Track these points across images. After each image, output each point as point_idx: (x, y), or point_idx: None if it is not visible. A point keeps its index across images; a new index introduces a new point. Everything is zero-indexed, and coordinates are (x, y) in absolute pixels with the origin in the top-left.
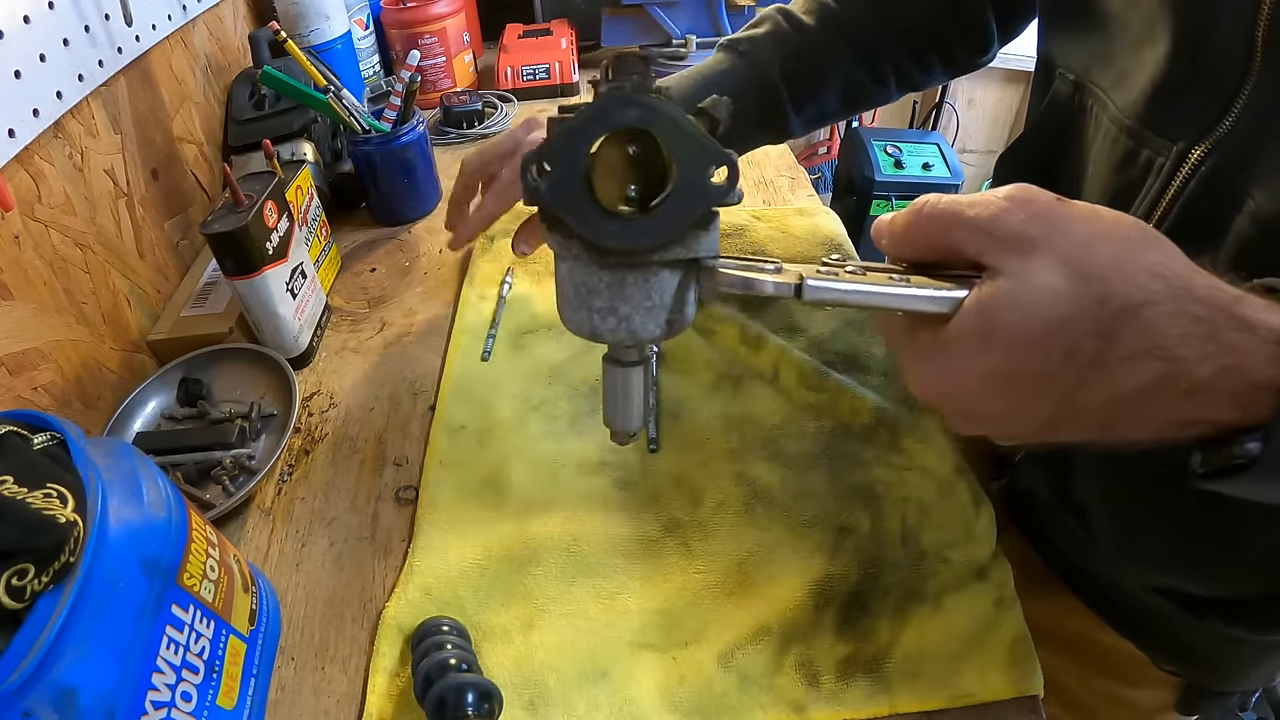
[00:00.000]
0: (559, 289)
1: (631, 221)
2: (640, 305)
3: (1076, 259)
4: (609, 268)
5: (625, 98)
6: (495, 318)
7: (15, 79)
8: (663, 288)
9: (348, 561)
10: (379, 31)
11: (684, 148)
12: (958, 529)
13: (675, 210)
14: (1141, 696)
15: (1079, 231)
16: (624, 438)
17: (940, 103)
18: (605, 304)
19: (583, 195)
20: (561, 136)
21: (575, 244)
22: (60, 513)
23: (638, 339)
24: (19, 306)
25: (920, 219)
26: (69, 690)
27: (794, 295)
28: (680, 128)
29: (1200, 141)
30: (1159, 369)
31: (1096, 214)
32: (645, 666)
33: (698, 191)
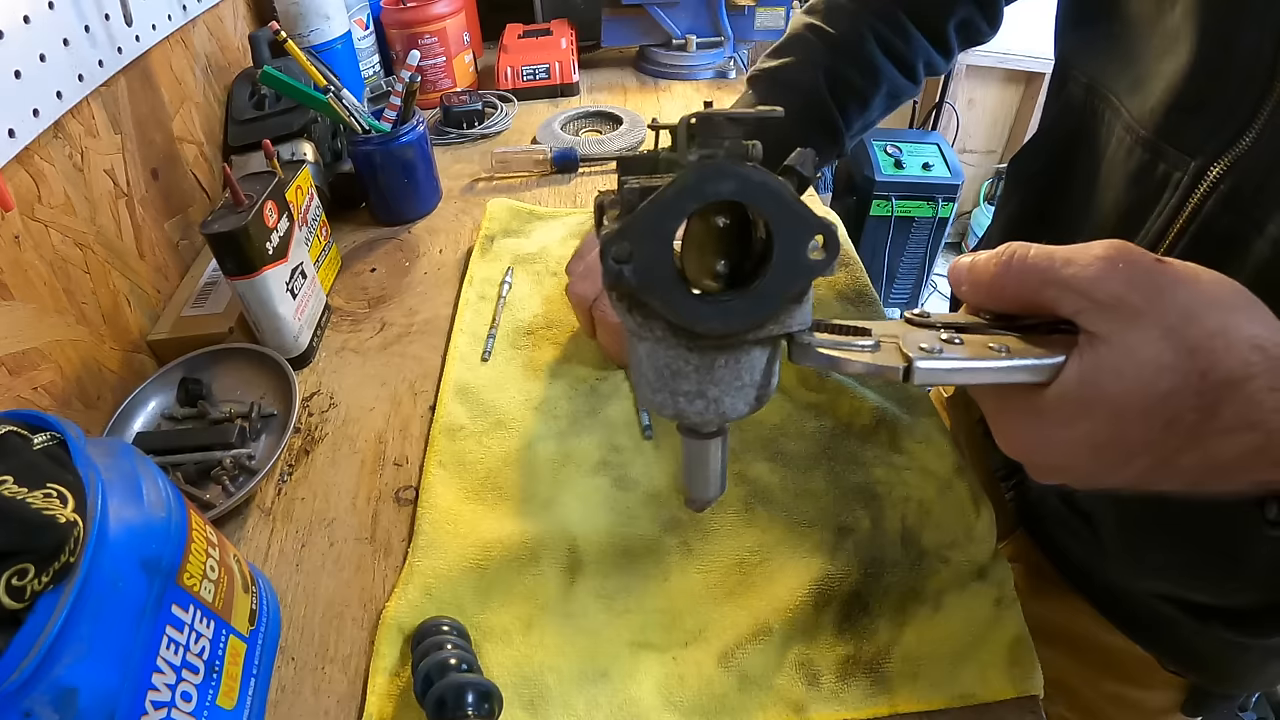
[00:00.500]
0: (635, 368)
1: (725, 303)
2: (730, 386)
3: (1180, 330)
4: (697, 350)
5: (720, 169)
6: (495, 318)
7: (15, 79)
8: (753, 366)
9: (348, 561)
10: (379, 31)
11: (783, 220)
12: (958, 529)
13: (773, 287)
14: (1148, 698)
15: (1182, 298)
16: (702, 505)
17: (940, 103)
18: (693, 388)
19: (672, 277)
20: (648, 214)
21: (659, 325)
22: (60, 513)
23: (726, 419)
24: (19, 306)
25: (1010, 273)
26: (69, 690)
27: (902, 380)
28: (780, 199)
29: (1219, 159)
30: (1256, 440)
31: (1197, 277)
32: (645, 666)
33: (796, 265)
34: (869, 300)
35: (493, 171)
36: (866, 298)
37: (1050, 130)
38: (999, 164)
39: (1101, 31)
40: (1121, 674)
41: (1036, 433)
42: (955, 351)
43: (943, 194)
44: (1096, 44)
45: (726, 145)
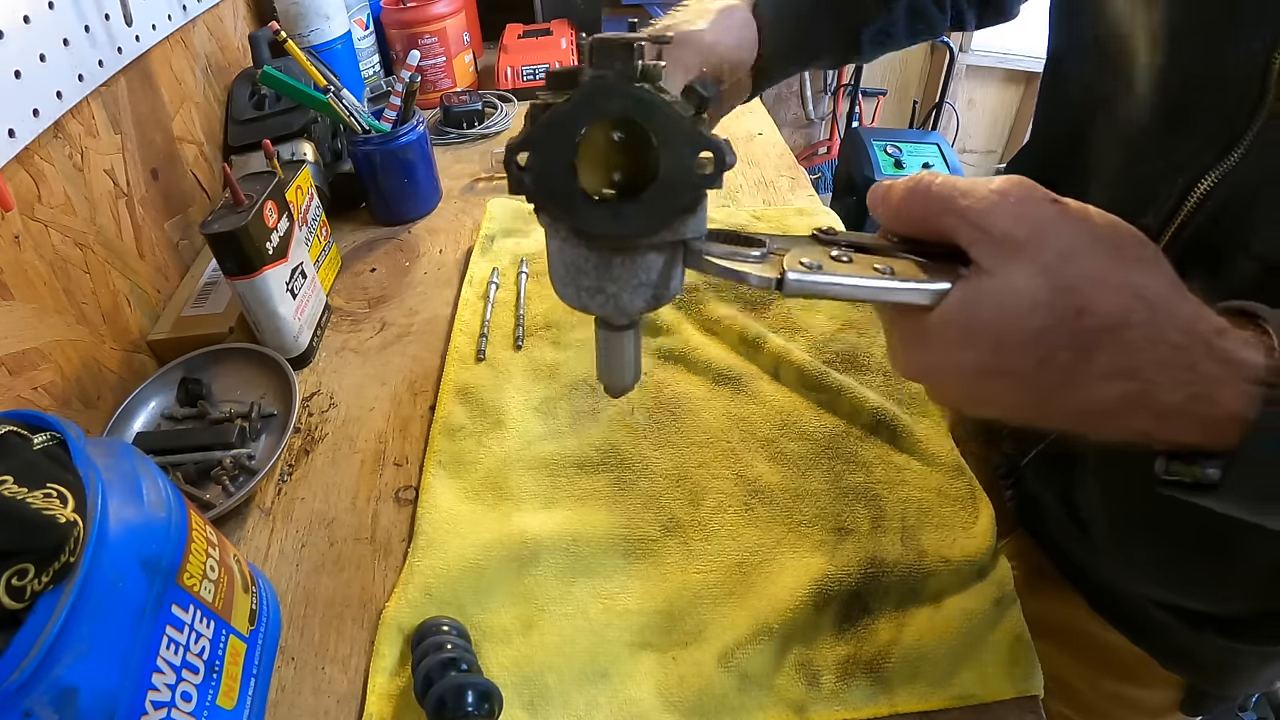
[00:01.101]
0: (550, 263)
1: (618, 209)
2: (627, 284)
3: (1058, 268)
4: (596, 249)
5: (609, 88)
6: (485, 318)
7: (15, 79)
8: (649, 267)
9: (348, 561)
10: (379, 31)
11: (671, 136)
12: (958, 529)
13: (662, 198)
14: (1148, 697)
15: (1065, 238)
16: (618, 392)
17: (940, 103)
18: (593, 283)
19: (568, 184)
20: (545, 127)
21: (563, 226)
22: (60, 513)
23: (625, 314)
24: (19, 306)
25: (915, 197)
26: (69, 690)
27: (775, 289)
28: (667, 117)
29: (1207, 174)
30: (1130, 388)
31: (1087, 217)
32: (645, 666)
33: (685, 179)
34: None
35: (493, 171)
36: None
37: (1046, 129)
38: (999, 164)
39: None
40: (1121, 672)
41: (923, 355)
42: (839, 269)
43: None
44: (1085, 44)
45: (618, 67)
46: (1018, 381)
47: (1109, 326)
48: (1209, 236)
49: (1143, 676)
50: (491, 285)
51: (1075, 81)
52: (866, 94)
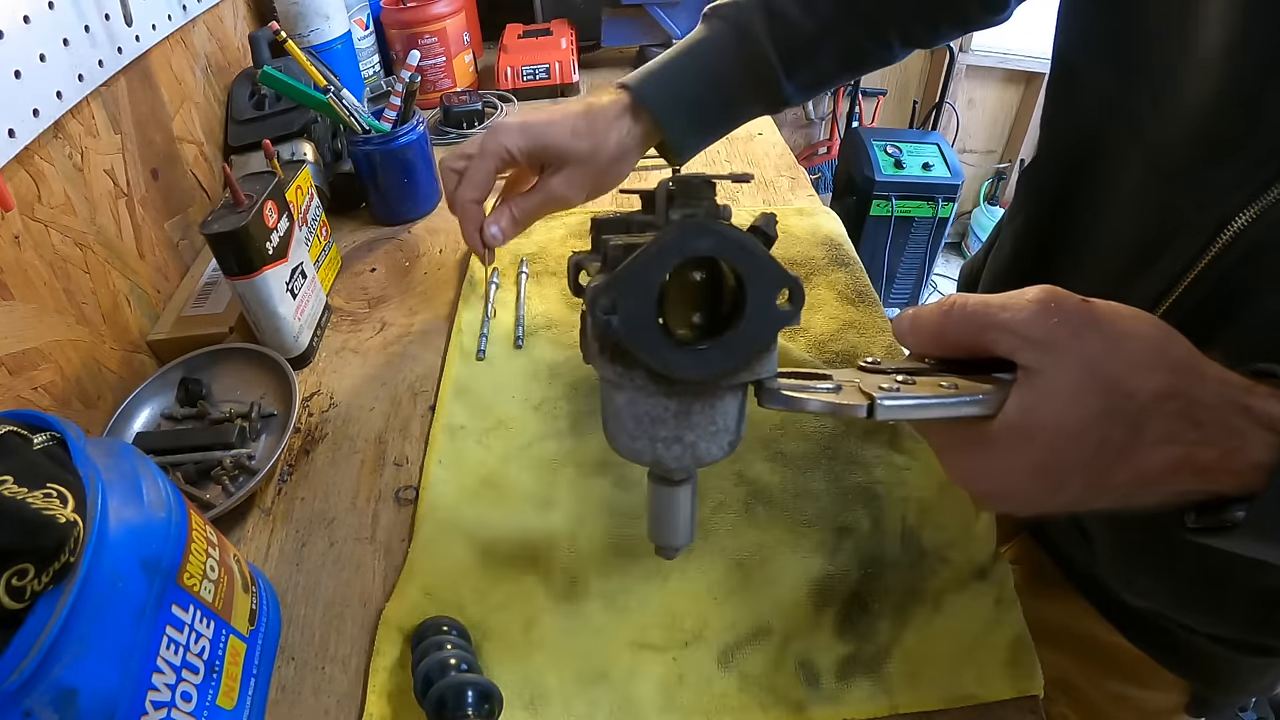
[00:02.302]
0: (614, 418)
1: (703, 352)
2: (706, 431)
3: (1103, 359)
4: (675, 396)
5: (701, 227)
6: (485, 318)
7: (15, 79)
8: (727, 412)
9: (348, 561)
10: (379, 31)
11: (756, 274)
12: (958, 529)
13: (746, 335)
14: (1151, 698)
15: (1103, 332)
16: (672, 553)
17: (940, 103)
18: (671, 433)
19: (655, 328)
20: (634, 269)
21: (639, 374)
22: (60, 513)
23: (701, 464)
24: (19, 306)
25: (951, 321)
26: (69, 690)
27: (866, 416)
28: (752, 254)
29: (1245, 208)
30: (1177, 453)
31: (1117, 313)
32: (645, 667)
33: (767, 316)
34: (869, 300)
35: None
36: (867, 298)
37: (1060, 141)
38: (999, 164)
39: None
40: (1124, 674)
41: (982, 462)
42: (911, 391)
43: (943, 194)
44: (1110, 51)
45: (704, 205)
46: (1078, 469)
47: (1153, 400)
48: (1240, 275)
49: (1147, 679)
50: (491, 285)
51: (1091, 89)
52: (866, 94)
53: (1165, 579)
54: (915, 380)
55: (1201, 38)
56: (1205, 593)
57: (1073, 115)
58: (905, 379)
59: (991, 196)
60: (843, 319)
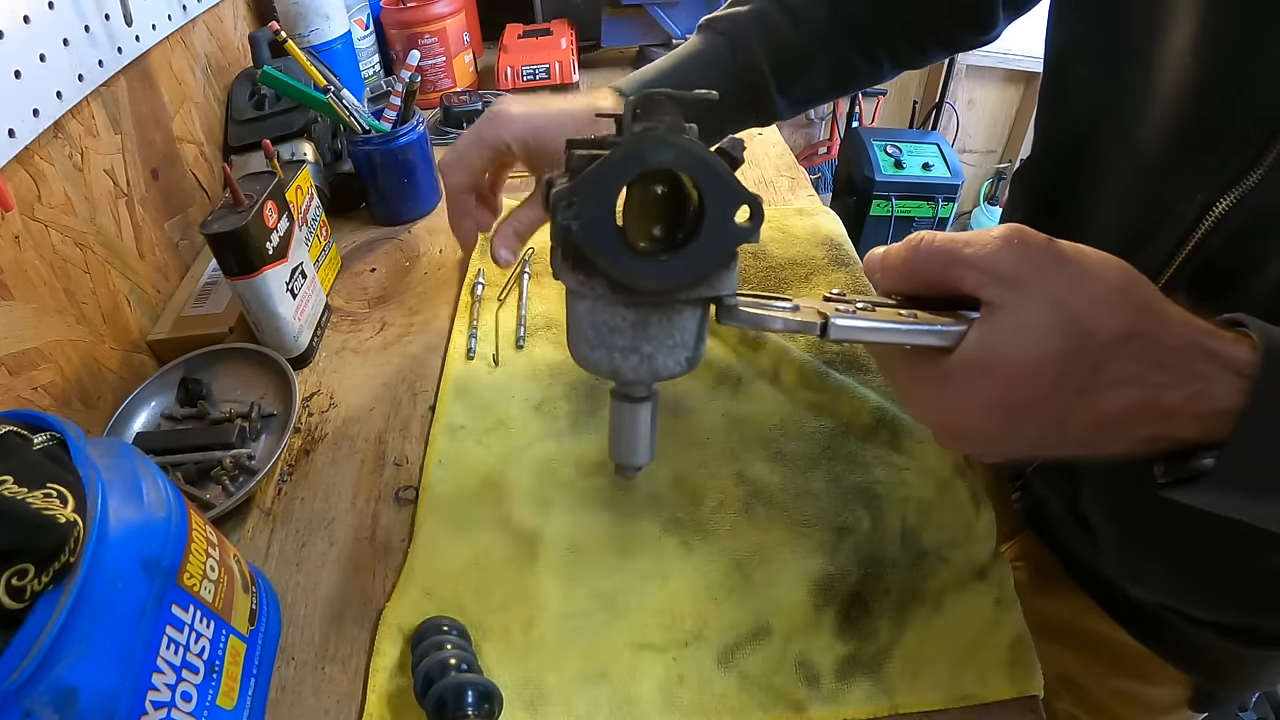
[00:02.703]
0: (575, 327)
1: (662, 263)
2: (663, 344)
3: (1066, 297)
4: (633, 306)
5: (660, 140)
6: (472, 319)
7: (15, 79)
8: (684, 326)
9: (348, 561)
10: (379, 31)
11: (715, 189)
12: (958, 529)
13: (705, 250)
14: (1156, 694)
15: (1071, 270)
16: (631, 472)
17: (940, 103)
18: (628, 343)
19: (613, 235)
20: (594, 176)
21: (599, 283)
22: (60, 513)
23: (659, 377)
24: (19, 306)
25: (918, 256)
26: (69, 690)
27: (819, 334)
28: (712, 170)
29: (1225, 194)
30: (1138, 395)
31: (1082, 254)
32: (645, 666)
33: (726, 232)
34: None
35: None
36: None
37: (1052, 142)
38: (999, 164)
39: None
40: (1128, 670)
41: (939, 396)
42: (870, 316)
43: (943, 194)
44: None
45: (666, 120)
46: (1035, 407)
47: (1114, 340)
48: (1224, 259)
49: (1151, 674)
50: (478, 286)
51: (1080, 90)
52: (866, 94)
53: (1166, 565)
54: (876, 310)
55: (1173, 33)
56: (1207, 579)
57: (1064, 116)
58: (866, 307)
59: (991, 196)
60: None
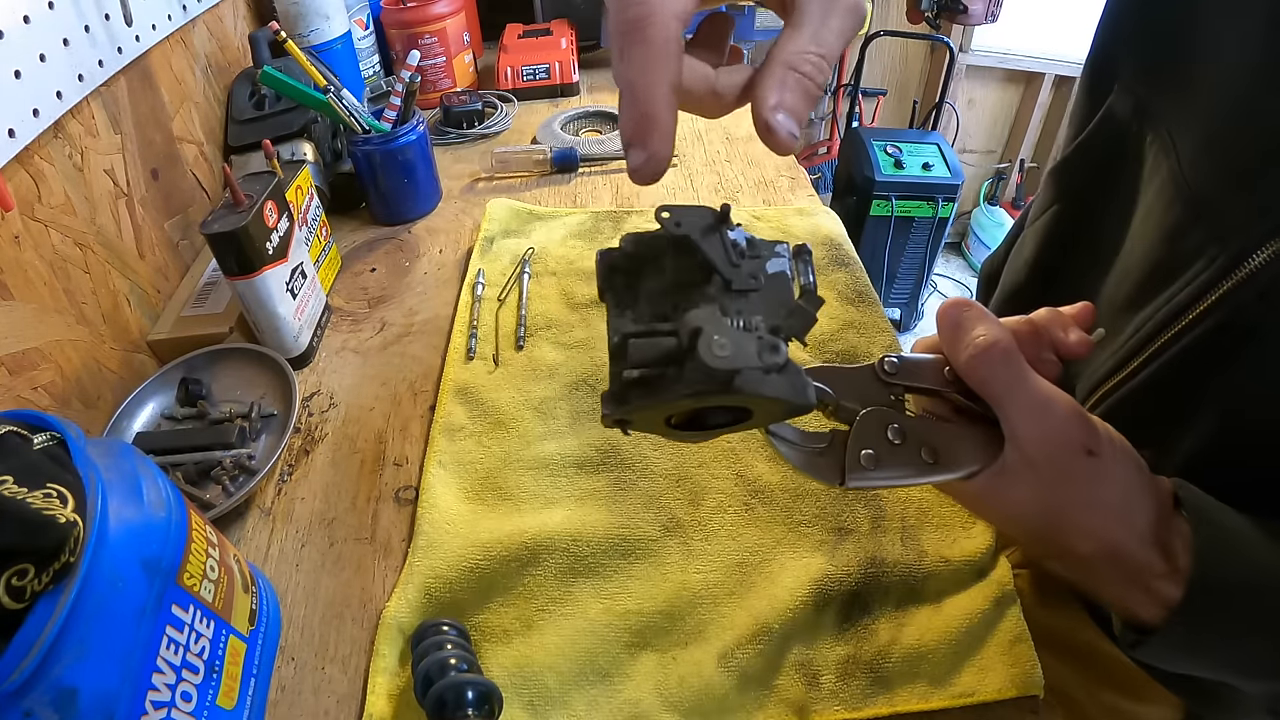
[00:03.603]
0: None
1: (709, 431)
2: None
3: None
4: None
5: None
6: (472, 319)
7: (15, 79)
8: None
9: (348, 561)
10: (379, 31)
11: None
12: (958, 529)
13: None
14: (1147, 713)
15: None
16: None
17: (940, 103)
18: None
19: (664, 430)
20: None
21: None
22: (60, 513)
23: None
24: (19, 306)
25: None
26: (69, 690)
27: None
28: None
29: (1267, 243)
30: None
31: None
32: (645, 667)
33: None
34: (869, 300)
35: (493, 171)
36: (867, 298)
37: (1091, 144)
38: (999, 164)
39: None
40: (1119, 686)
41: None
42: (890, 459)
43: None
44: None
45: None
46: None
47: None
48: (1252, 314)
49: (1143, 693)
50: (478, 286)
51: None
52: (866, 94)
53: None
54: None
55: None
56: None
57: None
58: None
59: (991, 196)
60: (843, 319)
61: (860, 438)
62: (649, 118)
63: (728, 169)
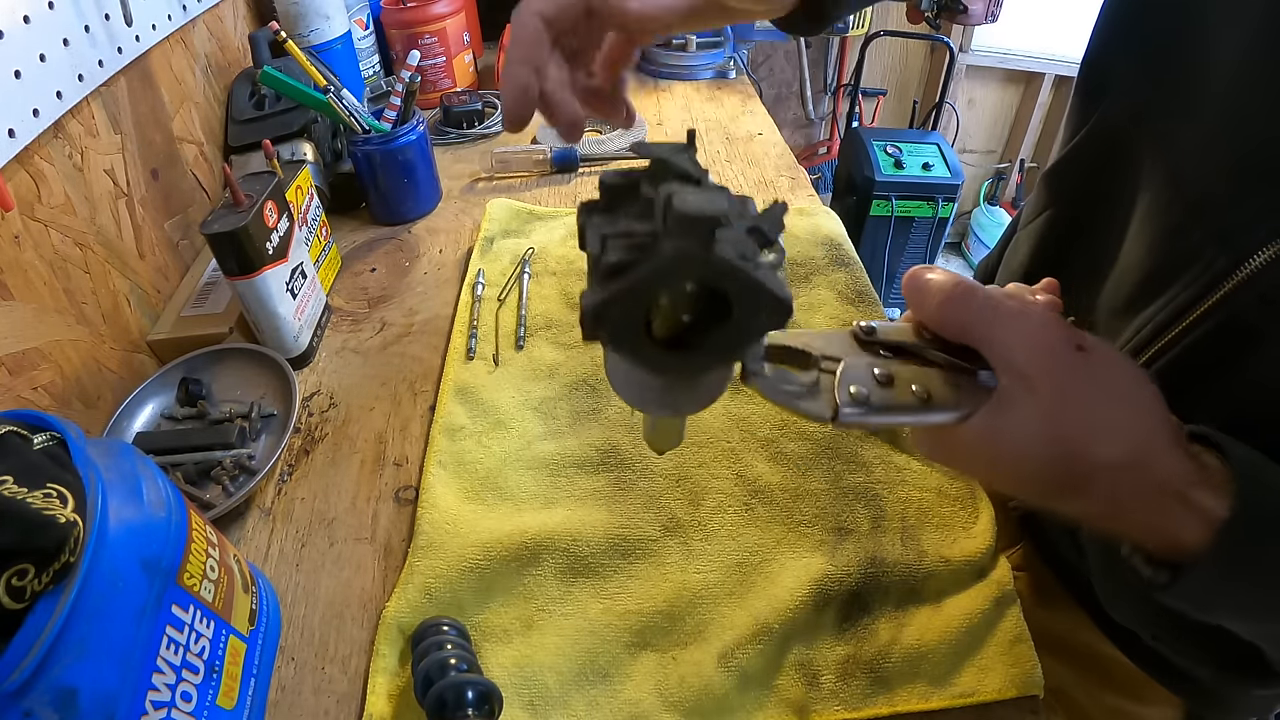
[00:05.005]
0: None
1: (686, 355)
2: (689, 396)
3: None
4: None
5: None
6: (472, 319)
7: (15, 79)
8: (709, 384)
9: (348, 561)
10: (379, 31)
11: (746, 295)
12: (958, 529)
13: (729, 341)
14: (1148, 714)
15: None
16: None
17: (940, 103)
18: (657, 396)
19: (641, 339)
20: (621, 294)
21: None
22: (60, 513)
23: (682, 414)
24: (19, 306)
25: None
26: (69, 690)
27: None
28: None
29: (1266, 246)
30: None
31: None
32: (645, 667)
33: (754, 324)
34: (869, 300)
35: (493, 171)
36: (867, 298)
37: (1086, 147)
38: (999, 164)
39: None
40: (1120, 688)
41: (947, 455)
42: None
43: (943, 194)
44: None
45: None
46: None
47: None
48: (1253, 316)
49: (1144, 694)
50: (478, 286)
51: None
52: (866, 94)
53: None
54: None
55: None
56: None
57: (1103, 121)
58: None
59: (991, 196)
60: (843, 319)
61: (849, 378)
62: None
63: (728, 169)
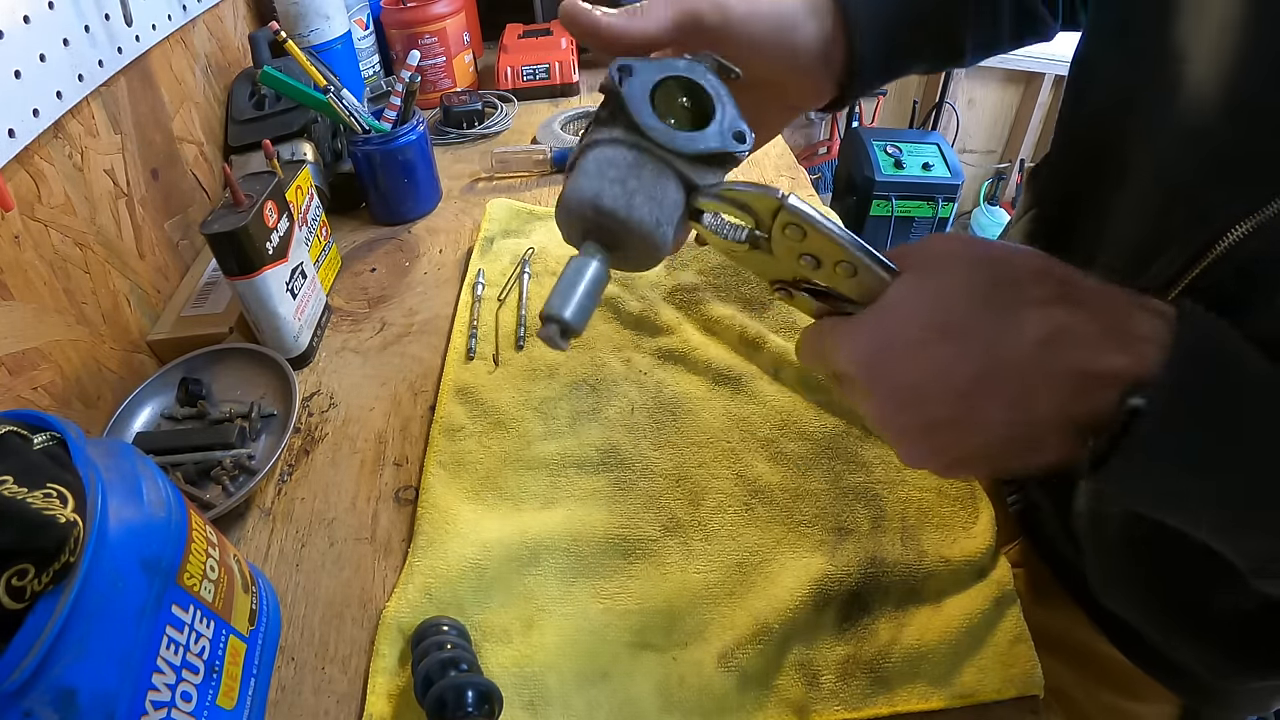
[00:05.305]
0: (579, 171)
1: (673, 130)
2: (646, 191)
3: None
4: (636, 150)
5: (692, 65)
6: (472, 319)
7: (15, 79)
8: (666, 189)
9: (348, 561)
10: (379, 31)
11: (724, 104)
12: (958, 529)
13: (704, 141)
14: (1145, 712)
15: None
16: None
17: (940, 103)
18: (619, 174)
19: (647, 97)
20: (644, 65)
21: (619, 129)
22: (60, 513)
23: (630, 215)
24: (19, 306)
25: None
26: (69, 690)
27: (777, 197)
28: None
29: (1242, 221)
30: (1060, 318)
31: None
32: (645, 667)
33: (724, 135)
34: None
35: (493, 171)
36: None
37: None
38: (999, 164)
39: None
40: (1116, 685)
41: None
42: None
43: (943, 194)
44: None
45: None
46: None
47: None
48: (1232, 287)
49: (1141, 692)
50: (478, 286)
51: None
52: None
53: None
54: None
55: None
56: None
57: (1086, 107)
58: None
59: (991, 196)
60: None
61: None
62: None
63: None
